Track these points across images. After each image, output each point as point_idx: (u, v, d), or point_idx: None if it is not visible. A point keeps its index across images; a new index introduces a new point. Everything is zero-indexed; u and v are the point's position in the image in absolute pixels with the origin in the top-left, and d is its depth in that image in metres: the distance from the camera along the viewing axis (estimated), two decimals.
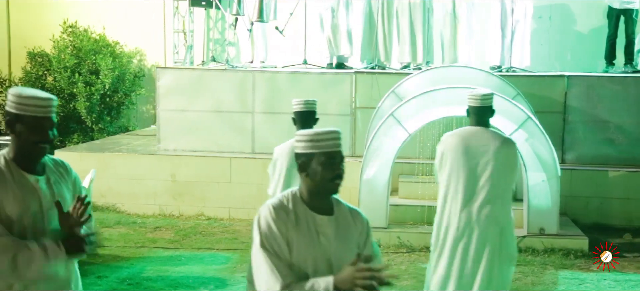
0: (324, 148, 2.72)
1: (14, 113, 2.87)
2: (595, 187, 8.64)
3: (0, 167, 2.90)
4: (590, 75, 9.42)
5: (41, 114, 2.88)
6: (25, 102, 2.85)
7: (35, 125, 2.87)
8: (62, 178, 3.08)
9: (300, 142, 2.76)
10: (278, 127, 9.34)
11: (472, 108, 4.77)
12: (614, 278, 6.63)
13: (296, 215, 2.72)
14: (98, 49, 11.99)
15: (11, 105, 2.87)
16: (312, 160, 2.71)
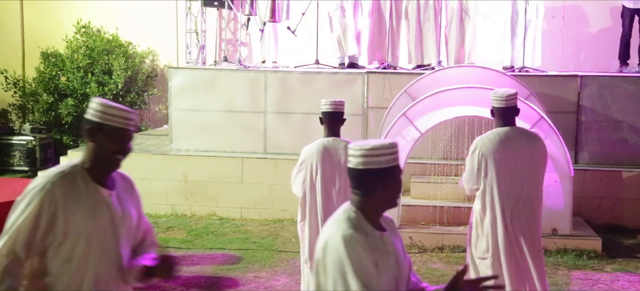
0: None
1: (97, 122, 2.90)
2: (608, 187, 8.59)
3: (74, 177, 2.87)
4: (604, 75, 9.36)
5: (123, 125, 2.93)
6: (110, 112, 2.89)
7: (117, 136, 2.92)
8: (128, 193, 3.10)
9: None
10: (290, 127, 9.36)
11: (497, 109, 4.78)
12: (627, 279, 6.59)
13: (373, 238, 2.55)
14: (111, 49, 12.04)
15: (95, 114, 2.90)
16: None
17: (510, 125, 4.77)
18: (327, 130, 5.08)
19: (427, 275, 6.54)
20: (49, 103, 11.99)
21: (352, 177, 2.59)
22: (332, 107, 5.07)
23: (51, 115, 12.00)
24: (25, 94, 12.30)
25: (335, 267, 2.45)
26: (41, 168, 10.98)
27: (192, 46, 11.77)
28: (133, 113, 2.94)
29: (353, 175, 2.59)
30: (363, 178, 2.56)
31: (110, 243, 2.89)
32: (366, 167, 2.55)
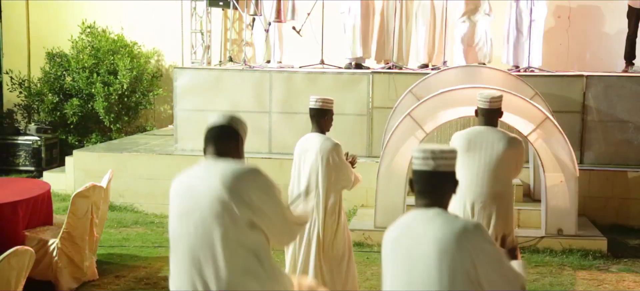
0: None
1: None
2: (614, 187, 8.57)
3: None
4: (610, 75, 9.33)
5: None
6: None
7: None
8: None
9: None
10: (295, 127, 9.36)
11: (481, 109, 4.99)
12: (633, 279, 6.58)
13: None
14: (116, 49, 12.06)
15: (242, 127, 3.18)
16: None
17: (491, 125, 4.94)
18: (313, 126, 5.08)
19: None
20: (55, 103, 12.02)
21: (424, 180, 2.68)
22: (315, 103, 5.03)
23: (56, 115, 12.03)
24: (31, 94, 12.34)
25: (494, 255, 2.61)
26: (46, 168, 11.01)
27: (197, 46, 11.79)
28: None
29: (425, 178, 2.67)
30: (437, 180, 2.67)
31: None
32: (439, 169, 2.66)
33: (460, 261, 2.55)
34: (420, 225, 2.64)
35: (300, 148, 5.06)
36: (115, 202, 8.95)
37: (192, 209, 2.99)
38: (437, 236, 2.58)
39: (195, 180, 3.04)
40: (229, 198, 2.92)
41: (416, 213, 2.70)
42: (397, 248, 2.70)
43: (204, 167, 3.09)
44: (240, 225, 2.93)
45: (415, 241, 2.63)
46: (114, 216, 8.60)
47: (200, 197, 2.97)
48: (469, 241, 2.56)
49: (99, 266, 6.41)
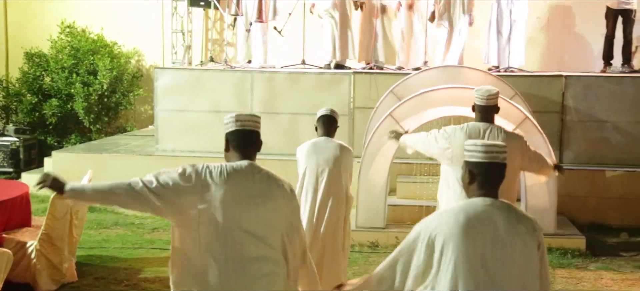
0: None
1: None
2: (592, 186, 8.66)
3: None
4: (588, 75, 9.43)
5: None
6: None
7: None
8: None
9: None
10: (277, 127, 9.36)
11: (478, 106, 5.02)
12: (610, 277, 6.65)
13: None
14: (96, 49, 11.98)
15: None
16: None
17: (488, 121, 4.96)
18: (320, 131, 5.28)
19: None
20: (33, 103, 11.92)
21: (490, 171, 2.90)
22: (327, 111, 5.29)
23: (35, 115, 11.93)
24: (9, 95, 12.22)
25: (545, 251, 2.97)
26: (25, 169, 10.90)
27: (178, 46, 11.75)
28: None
29: (481, 170, 2.90)
30: (491, 171, 2.90)
31: None
32: (495, 161, 2.90)
33: (531, 248, 2.86)
34: (495, 212, 2.85)
35: (314, 150, 5.17)
36: None
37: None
38: (515, 222, 2.84)
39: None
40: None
41: (483, 202, 2.88)
42: (472, 233, 2.83)
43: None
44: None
45: (493, 227, 2.82)
46: (94, 217, 8.54)
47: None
48: (539, 230, 2.90)
49: (78, 268, 6.36)
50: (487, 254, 2.82)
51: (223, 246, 3.05)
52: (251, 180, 3.16)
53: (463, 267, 2.82)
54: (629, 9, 9.80)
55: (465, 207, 2.88)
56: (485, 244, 2.82)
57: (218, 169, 3.17)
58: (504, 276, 2.81)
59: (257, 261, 3.09)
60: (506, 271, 2.81)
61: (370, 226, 7.61)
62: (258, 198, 3.12)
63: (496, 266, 2.81)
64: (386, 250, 7.35)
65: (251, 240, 3.09)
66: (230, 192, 3.09)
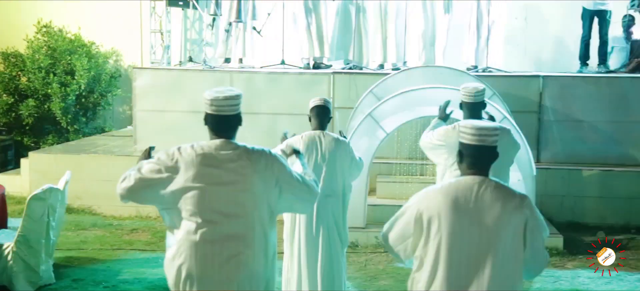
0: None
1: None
2: (569, 185, 8.75)
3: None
4: (565, 76, 9.53)
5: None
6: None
7: None
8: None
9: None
10: (256, 127, 9.31)
11: (465, 103, 5.09)
12: (587, 276, 6.72)
13: None
14: (73, 49, 11.87)
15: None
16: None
17: (476, 118, 4.95)
18: (314, 124, 5.19)
19: (393, 274, 6.59)
20: (9, 104, 11.78)
21: (478, 153, 3.06)
22: (321, 101, 5.20)
23: (11, 116, 11.79)
24: None
25: (540, 225, 3.11)
26: (1, 170, 10.78)
27: (157, 46, 11.68)
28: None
29: (480, 151, 3.06)
30: (481, 153, 3.07)
31: None
32: (493, 144, 3.08)
33: (518, 222, 3.00)
34: (484, 190, 3.01)
35: (309, 146, 5.10)
36: (72, 204, 8.80)
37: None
38: (502, 199, 3.00)
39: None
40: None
41: (472, 180, 3.04)
42: (458, 208, 2.99)
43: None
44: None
45: (480, 203, 2.99)
46: (72, 218, 8.46)
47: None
48: (527, 207, 3.03)
49: (55, 270, 6.30)
50: (474, 230, 2.97)
51: (198, 226, 3.18)
52: (222, 160, 3.23)
53: (449, 242, 2.99)
54: (604, 10, 9.92)
55: (455, 184, 3.06)
56: (472, 220, 2.98)
57: (188, 150, 3.27)
58: (490, 251, 2.96)
59: (228, 240, 3.19)
60: (492, 246, 2.96)
61: (350, 226, 7.48)
62: (229, 178, 3.21)
63: (482, 241, 2.97)
64: (366, 250, 7.37)
65: (223, 219, 3.19)
66: (200, 172, 3.20)
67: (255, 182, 3.23)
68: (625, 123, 9.04)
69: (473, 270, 2.97)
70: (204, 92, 3.35)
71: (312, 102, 5.20)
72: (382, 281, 6.49)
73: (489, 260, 2.96)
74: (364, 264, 7.02)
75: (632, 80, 9.23)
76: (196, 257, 3.19)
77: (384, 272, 6.75)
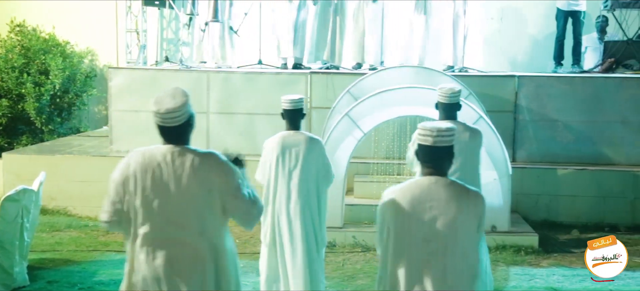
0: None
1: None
2: (544, 184, 8.83)
3: None
4: (540, 75, 9.62)
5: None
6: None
7: None
8: None
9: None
10: (233, 127, 9.32)
11: (441, 103, 5.14)
12: (562, 274, 6.80)
13: None
14: (47, 48, 11.75)
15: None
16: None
17: (451, 119, 5.03)
18: (287, 124, 5.20)
19: (371, 273, 6.60)
20: None
21: (434, 153, 3.15)
22: (291, 104, 5.19)
23: None
24: None
25: (484, 224, 3.24)
26: None
27: (133, 46, 11.59)
28: None
29: (435, 152, 3.15)
30: (436, 154, 3.15)
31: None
32: (446, 144, 3.15)
33: (472, 218, 3.13)
34: (439, 189, 3.12)
35: (285, 143, 5.09)
36: (47, 205, 8.71)
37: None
38: (457, 198, 3.11)
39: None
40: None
41: (428, 180, 3.15)
42: (414, 208, 3.11)
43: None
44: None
45: (436, 202, 3.10)
46: (46, 220, 8.37)
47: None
48: (480, 204, 3.17)
49: (30, 272, 6.23)
50: (431, 228, 3.09)
51: (145, 235, 3.19)
52: (166, 167, 3.20)
53: (407, 241, 3.11)
54: (578, 11, 10.04)
55: (412, 184, 3.18)
56: (429, 218, 3.10)
57: (135, 158, 3.26)
58: (446, 248, 3.07)
59: (174, 247, 3.18)
60: (449, 244, 3.08)
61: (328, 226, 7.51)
62: (172, 184, 3.17)
63: (438, 239, 3.08)
64: (344, 250, 7.39)
65: (169, 227, 3.18)
66: (145, 180, 3.18)
67: (196, 188, 3.18)
68: (599, 123, 9.16)
69: (430, 267, 3.08)
70: (152, 98, 3.32)
71: (282, 103, 5.20)
72: (360, 281, 6.51)
73: (446, 257, 3.07)
74: (341, 264, 7.03)
75: (606, 79, 9.35)
76: (144, 266, 3.20)
77: (361, 271, 6.77)
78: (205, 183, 3.17)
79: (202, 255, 3.18)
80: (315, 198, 5.12)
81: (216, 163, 3.23)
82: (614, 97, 9.15)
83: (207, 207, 3.19)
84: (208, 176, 3.18)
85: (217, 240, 3.24)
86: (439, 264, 3.07)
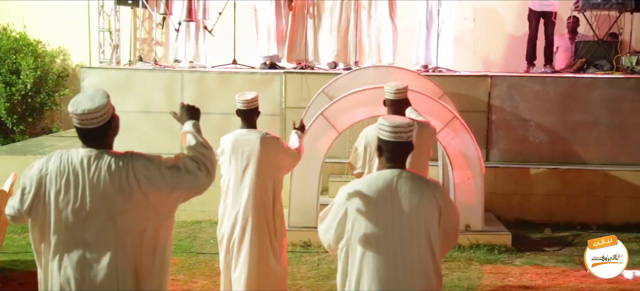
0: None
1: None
2: (517, 183, 8.92)
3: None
4: (512, 75, 9.71)
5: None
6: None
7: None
8: None
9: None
10: (208, 127, 9.13)
11: (388, 100, 5.36)
12: (535, 272, 6.87)
13: None
14: (18, 48, 11.59)
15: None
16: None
17: (398, 114, 5.09)
18: (242, 123, 5.25)
19: None
20: None
21: (394, 148, 3.30)
22: (245, 105, 5.24)
23: None
24: None
25: (451, 208, 3.43)
26: None
27: (106, 45, 11.48)
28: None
29: (394, 146, 3.30)
30: (397, 148, 3.30)
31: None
32: (407, 140, 3.32)
33: (433, 207, 3.28)
34: (401, 181, 3.26)
35: (237, 142, 5.12)
36: None
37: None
38: (418, 189, 3.26)
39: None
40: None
41: (390, 173, 3.29)
42: (378, 201, 3.25)
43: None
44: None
45: (399, 194, 3.24)
46: None
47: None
48: (439, 193, 3.33)
49: (1, 274, 6.15)
50: (395, 219, 3.24)
51: (58, 244, 3.04)
52: (82, 172, 3.04)
53: (372, 233, 3.24)
54: (550, 11, 10.16)
55: (376, 178, 3.31)
56: (392, 210, 3.24)
57: (53, 159, 3.12)
58: (411, 238, 3.23)
59: (88, 259, 3.02)
60: (413, 234, 3.24)
61: (303, 226, 7.63)
62: (87, 190, 3.02)
63: (403, 229, 3.23)
64: (319, 249, 7.39)
65: (83, 236, 3.02)
66: (59, 185, 3.03)
67: (114, 193, 3.02)
68: (571, 122, 9.27)
69: (396, 256, 3.22)
70: (71, 100, 3.14)
71: (236, 102, 5.22)
72: (335, 280, 6.49)
73: (410, 246, 3.23)
74: (316, 263, 7.04)
75: (577, 80, 9.46)
76: (56, 279, 3.04)
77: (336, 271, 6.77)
78: (124, 187, 3.01)
79: (117, 271, 3.02)
80: (270, 196, 5.08)
81: (133, 160, 3.07)
82: (585, 97, 9.27)
83: (125, 215, 3.02)
84: (127, 177, 3.02)
85: (137, 255, 3.06)
86: (406, 254, 3.22)
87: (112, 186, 3.01)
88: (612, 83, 9.32)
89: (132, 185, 3.02)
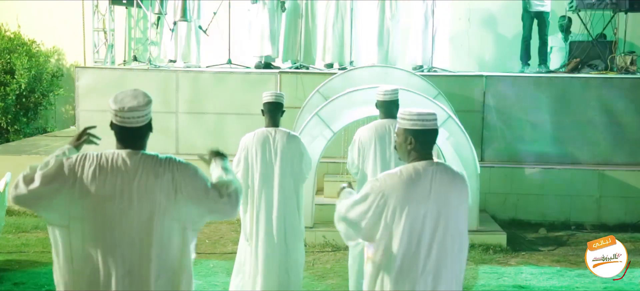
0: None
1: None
2: (512, 183, 8.93)
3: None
4: (507, 76, 9.73)
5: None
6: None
7: None
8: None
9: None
10: (202, 127, 9.27)
11: (379, 102, 5.37)
12: (530, 272, 6.88)
13: None
14: (13, 47, 11.56)
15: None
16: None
17: (391, 116, 5.19)
18: (267, 120, 5.31)
19: (341, 272, 6.61)
20: None
21: (427, 137, 3.19)
22: (273, 97, 5.39)
23: None
24: None
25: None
26: None
27: (100, 45, 11.46)
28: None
29: (418, 136, 3.17)
30: (428, 136, 3.19)
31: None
32: (429, 127, 3.19)
33: (465, 198, 3.25)
34: (435, 171, 3.15)
35: (261, 143, 5.16)
36: (13, 206, 8.54)
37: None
38: (453, 180, 3.19)
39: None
40: None
41: (420, 164, 3.15)
42: (418, 193, 3.10)
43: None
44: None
45: (438, 186, 3.12)
46: (12, 221, 8.23)
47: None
48: (467, 185, 3.28)
49: None
50: (432, 211, 3.10)
51: (93, 254, 2.86)
52: (126, 174, 2.90)
53: (410, 226, 3.08)
54: (544, 11, 10.18)
55: (412, 170, 3.14)
56: (430, 202, 3.10)
57: (90, 159, 2.99)
58: (447, 228, 3.11)
59: (122, 258, 2.86)
60: (450, 225, 3.13)
61: None
62: (130, 196, 2.87)
63: (440, 220, 3.10)
64: (314, 249, 7.39)
65: (118, 238, 2.86)
66: (99, 189, 2.88)
67: (162, 198, 2.90)
68: (565, 122, 9.29)
69: (433, 246, 3.10)
70: (111, 97, 3.09)
71: (264, 97, 5.35)
72: (330, 280, 6.52)
73: (446, 236, 3.11)
74: (311, 263, 7.03)
75: (571, 79, 9.49)
76: (87, 279, 2.87)
77: (331, 271, 6.78)
78: (169, 192, 2.91)
79: (151, 271, 2.87)
80: (294, 194, 5.18)
81: (180, 167, 2.99)
82: (580, 97, 9.30)
83: (165, 215, 2.90)
84: (172, 181, 2.93)
85: (172, 255, 2.95)
86: (440, 244, 3.11)
87: (156, 188, 2.90)
88: (606, 83, 9.34)
89: (176, 190, 2.93)
